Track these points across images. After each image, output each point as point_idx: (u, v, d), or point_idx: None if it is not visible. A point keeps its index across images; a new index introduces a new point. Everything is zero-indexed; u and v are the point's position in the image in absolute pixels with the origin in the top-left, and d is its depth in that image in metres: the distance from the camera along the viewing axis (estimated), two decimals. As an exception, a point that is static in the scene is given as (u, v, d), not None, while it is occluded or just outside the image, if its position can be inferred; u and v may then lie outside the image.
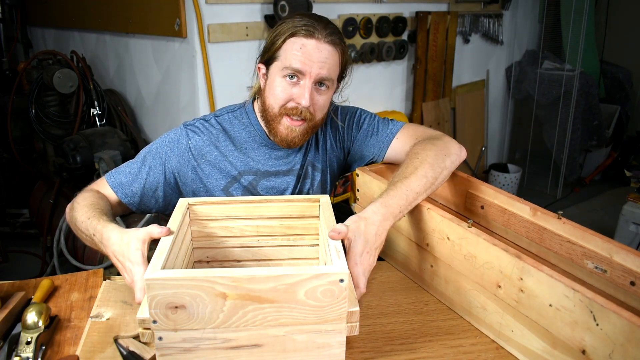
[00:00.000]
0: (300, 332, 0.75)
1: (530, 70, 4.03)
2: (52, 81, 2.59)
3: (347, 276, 0.72)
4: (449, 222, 0.95)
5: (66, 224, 2.30)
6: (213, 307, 0.71)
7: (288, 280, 0.71)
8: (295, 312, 0.73)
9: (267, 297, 0.71)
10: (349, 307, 0.74)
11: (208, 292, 0.70)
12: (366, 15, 2.86)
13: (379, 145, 1.24)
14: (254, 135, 1.20)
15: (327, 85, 1.10)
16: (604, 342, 0.69)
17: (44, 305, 0.89)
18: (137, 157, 1.19)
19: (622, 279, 0.87)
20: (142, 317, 0.72)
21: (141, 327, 0.73)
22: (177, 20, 2.27)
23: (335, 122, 1.28)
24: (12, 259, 2.90)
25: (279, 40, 1.07)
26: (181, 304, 0.70)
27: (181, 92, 2.47)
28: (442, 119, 3.52)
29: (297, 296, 0.72)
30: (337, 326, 0.75)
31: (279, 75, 1.08)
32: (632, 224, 2.74)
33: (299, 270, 0.71)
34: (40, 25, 3.76)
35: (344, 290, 0.72)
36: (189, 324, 0.72)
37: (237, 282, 0.70)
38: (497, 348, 0.89)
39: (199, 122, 1.20)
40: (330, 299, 0.72)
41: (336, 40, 1.08)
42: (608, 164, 4.26)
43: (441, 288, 1.02)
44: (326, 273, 0.71)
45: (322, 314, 0.74)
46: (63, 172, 2.47)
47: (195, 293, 0.70)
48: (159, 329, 0.72)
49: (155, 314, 0.71)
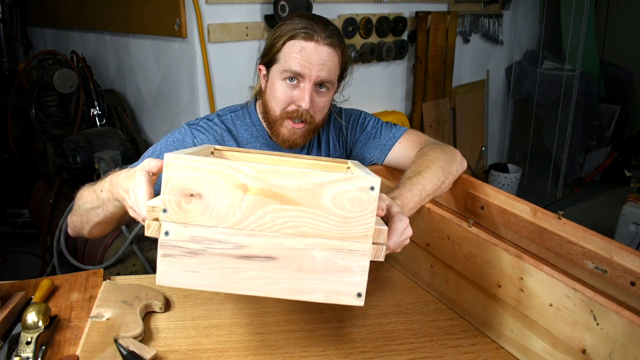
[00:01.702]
0: (320, 247, 0.67)
1: (530, 70, 4.03)
2: (52, 81, 2.59)
3: (378, 184, 0.66)
4: (449, 222, 0.95)
5: (66, 224, 2.30)
6: (231, 201, 0.65)
7: (315, 179, 0.65)
8: (319, 220, 0.66)
9: (290, 197, 0.65)
10: (377, 224, 0.68)
11: (229, 181, 0.65)
12: (366, 15, 2.86)
13: (380, 148, 1.25)
14: (257, 135, 1.20)
15: (327, 87, 1.11)
16: (605, 342, 0.69)
17: (44, 305, 0.89)
18: (143, 157, 1.17)
19: (622, 279, 0.87)
20: (152, 204, 0.67)
21: (149, 218, 0.67)
22: (177, 20, 2.27)
23: (339, 123, 1.28)
24: (12, 259, 2.91)
25: (278, 42, 1.08)
26: (197, 191, 0.64)
27: (181, 92, 2.47)
28: (442, 119, 3.52)
29: (323, 200, 0.66)
30: (362, 245, 0.67)
31: (279, 78, 1.09)
32: (632, 224, 2.73)
33: (327, 173, 0.66)
34: (40, 25, 3.76)
35: (374, 201, 0.65)
36: (201, 218, 0.66)
37: (262, 174, 0.64)
38: (497, 348, 0.89)
39: (203, 122, 1.19)
40: (358, 209, 0.66)
41: (335, 42, 1.08)
42: (608, 164, 4.26)
43: (441, 288, 1.02)
44: (356, 177, 0.66)
45: (347, 227, 0.66)
46: (63, 172, 2.47)
47: (215, 181, 0.64)
48: (168, 219, 0.65)
49: (168, 200, 0.65)
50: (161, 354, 0.85)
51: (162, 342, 0.89)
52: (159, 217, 0.66)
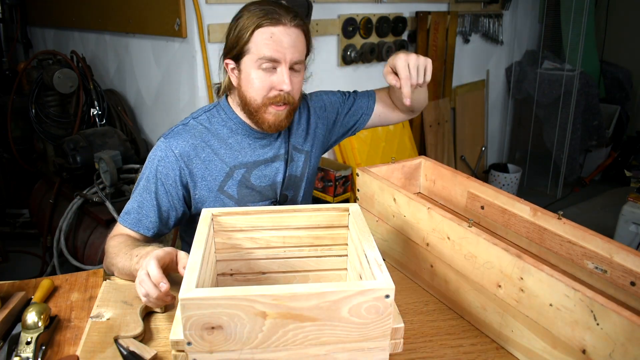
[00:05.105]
0: (342, 350, 0.71)
1: (530, 70, 4.03)
2: (52, 81, 2.60)
3: (393, 292, 0.68)
4: (449, 222, 0.95)
5: (66, 224, 2.30)
6: (252, 327, 0.68)
7: (332, 297, 0.67)
8: (338, 330, 0.70)
9: (309, 315, 0.68)
10: (394, 324, 0.72)
11: (247, 311, 0.67)
12: (366, 15, 2.86)
13: (360, 115, 1.38)
14: (235, 128, 1.21)
15: (299, 67, 1.15)
16: (605, 342, 0.69)
17: (44, 305, 0.89)
18: (137, 189, 1.17)
19: (622, 279, 0.87)
20: (175, 339, 0.69)
21: (174, 350, 0.70)
22: (177, 20, 2.27)
23: (318, 101, 1.35)
24: (12, 259, 2.91)
25: (245, 34, 1.09)
26: (218, 324, 0.67)
27: (181, 92, 2.47)
28: (442, 119, 3.52)
29: (341, 313, 0.68)
30: (381, 343, 0.71)
31: (254, 67, 1.10)
32: (632, 224, 2.73)
33: (342, 286, 0.68)
34: (40, 25, 3.76)
35: (389, 307, 0.69)
36: (225, 345, 0.69)
37: (278, 300, 0.66)
38: (497, 348, 0.89)
39: (178, 128, 1.19)
40: (374, 316, 0.69)
41: (300, 22, 1.12)
42: (608, 164, 4.25)
43: (441, 288, 1.02)
44: (371, 289, 0.68)
45: (365, 331, 0.70)
46: (63, 172, 2.47)
47: (234, 313, 0.67)
48: (193, 351, 0.68)
49: (190, 335, 0.67)
50: (161, 354, 0.85)
51: (162, 342, 0.89)
52: (184, 349, 0.69)
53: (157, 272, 0.85)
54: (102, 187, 2.29)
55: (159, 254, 0.88)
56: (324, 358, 0.72)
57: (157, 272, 0.85)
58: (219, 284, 0.98)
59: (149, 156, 1.18)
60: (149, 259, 0.87)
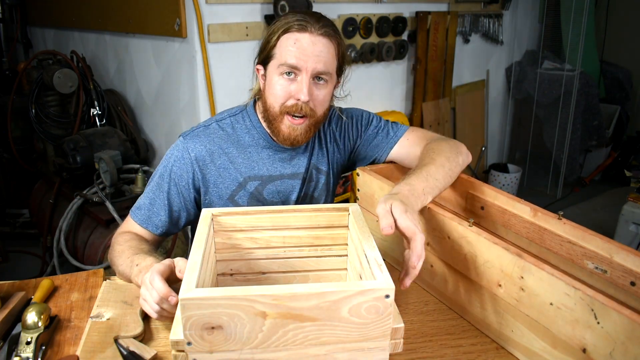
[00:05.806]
0: (342, 350, 0.72)
1: (530, 70, 4.04)
2: (52, 81, 2.60)
3: (393, 291, 0.69)
4: (449, 221, 0.95)
5: (66, 224, 2.30)
6: (252, 327, 0.68)
7: (331, 297, 0.67)
8: (338, 330, 0.70)
9: (309, 315, 0.68)
10: (394, 324, 0.72)
11: (247, 311, 0.67)
12: (366, 15, 2.86)
13: (382, 147, 1.25)
14: (257, 138, 1.19)
15: (325, 80, 1.10)
16: (605, 341, 0.69)
17: (44, 305, 0.89)
18: (150, 184, 1.17)
19: (623, 279, 0.87)
20: (175, 339, 0.69)
21: (174, 350, 0.70)
22: (177, 20, 2.27)
23: (340, 121, 1.27)
24: (12, 259, 2.91)
25: (273, 38, 1.07)
26: (218, 324, 0.67)
27: (181, 92, 2.47)
28: (442, 119, 3.52)
29: (341, 313, 0.69)
30: (381, 343, 0.72)
31: (276, 73, 1.08)
32: (632, 224, 2.73)
33: (342, 287, 0.68)
34: (40, 25, 3.76)
35: (389, 307, 0.69)
36: (225, 345, 0.69)
37: (278, 300, 0.67)
38: (497, 348, 0.89)
39: (199, 130, 1.18)
40: (374, 316, 0.70)
41: (330, 32, 1.07)
42: (608, 164, 4.26)
43: (441, 288, 1.02)
44: (371, 289, 0.68)
45: (365, 331, 0.71)
46: (63, 172, 2.47)
47: (233, 313, 0.67)
48: (193, 351, 0.69)
49: (190, 335, 0.68)
50: (161, 354, 0.85)
51: (162, 342, 0.89)
52: (184, 349, 0.69)
53: (163, 287, 0.84)
54: (102, 187, 2.29)
55: (160, 268, 0.88)
56: (324, 358, 0.72)
57: (163, 286, 0.85)
58: (219, 284, 0.98)
59: (167, 152, 1.18)
60: (151, 275, 0.87)
